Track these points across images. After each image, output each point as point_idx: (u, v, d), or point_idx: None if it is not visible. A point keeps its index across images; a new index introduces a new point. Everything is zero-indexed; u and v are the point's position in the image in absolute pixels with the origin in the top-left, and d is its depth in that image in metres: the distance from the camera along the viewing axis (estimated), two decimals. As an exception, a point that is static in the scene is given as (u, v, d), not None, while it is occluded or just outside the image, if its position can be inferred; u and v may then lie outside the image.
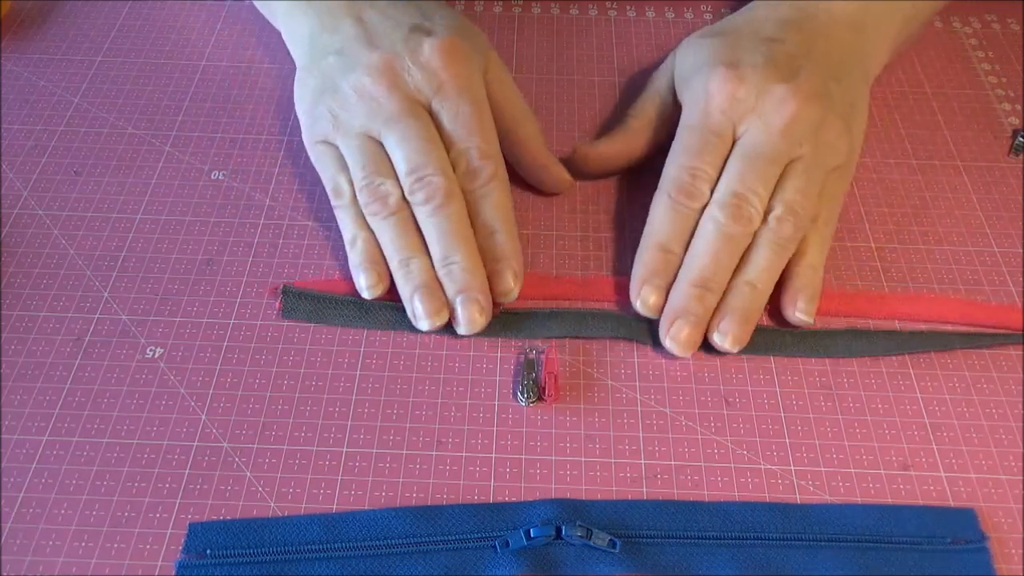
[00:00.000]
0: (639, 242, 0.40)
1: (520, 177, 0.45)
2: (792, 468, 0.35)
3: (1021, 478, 0.35)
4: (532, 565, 0.32)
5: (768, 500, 0.34)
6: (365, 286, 0.39)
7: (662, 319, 0.38)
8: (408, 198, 0.39)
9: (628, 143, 0.45)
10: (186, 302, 0.40)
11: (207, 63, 0.52)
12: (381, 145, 0.40)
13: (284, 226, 0.43)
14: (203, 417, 0.36)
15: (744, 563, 0.32)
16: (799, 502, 0.34)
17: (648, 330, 0.39)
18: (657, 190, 0.40)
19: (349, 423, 0.36)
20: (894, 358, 0.39)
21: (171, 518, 0.33)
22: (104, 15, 0.55)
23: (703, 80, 0.41)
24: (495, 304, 0.39)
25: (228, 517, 0.33)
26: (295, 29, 0.46)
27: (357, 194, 0.40)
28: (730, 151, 0.40)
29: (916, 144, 0.48)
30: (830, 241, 0.41)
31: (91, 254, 0.42)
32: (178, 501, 0.34)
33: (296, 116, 0.45)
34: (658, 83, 0.46)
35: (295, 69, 0.46)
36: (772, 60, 0.41)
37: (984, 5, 0.57)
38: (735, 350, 0.38)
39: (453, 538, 0.33)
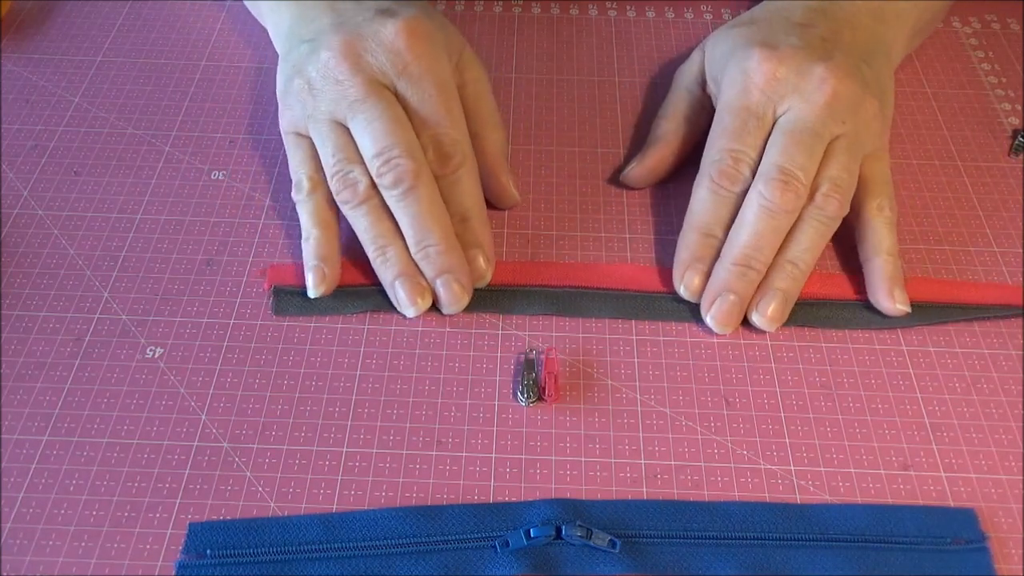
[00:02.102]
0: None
1: (520, 178, 0.45)
2: (792, 468, 0.35)
3: (1021, 478, 0.35)
4: (532, 565, 0.32)
5: (768, 500, 0.34)
6: (311, 285, 0.39)
7: (704, 296, 0.39)
8: (377, 182, 0.38)
9: (664, 150, 0.45)
10: (186, 302, 0.40)
11: (207, 63, 0.52)
12: (348, 131, 0.40)
13: (284, 226, 0.43)
14: (203, 417, 0.36)
15: (744, 563, 0.32)
16: (799, 502, 0.34)
17: (642, 308, 0.40)
18: (699, 174, 0.40)
19: (349, 423, 0.36)
20: (894, 359, 0.39)
21: (171, 518, 0.33)
22: (104, 15, 0.55)
23: (740, 61, 0.41)
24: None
25: (228, 517, 0.33)
26: (278, 24, 0.46)
27: (330, 182, 0.39)
28: (769, 132, 0.40)
29: (916, 144, 0.48)
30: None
31: (91, 254, 0.42)
32: (178, 501, 0.34)
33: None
34: (685, 79, 0.46)
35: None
36: (808, 42, 0.41)
37: (984, 5, 0.57)
38: (773, 329, 0.38)
39: (453, 538, 0.33)
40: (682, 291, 0.39)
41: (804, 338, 0.39)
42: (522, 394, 0.37)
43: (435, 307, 0.39)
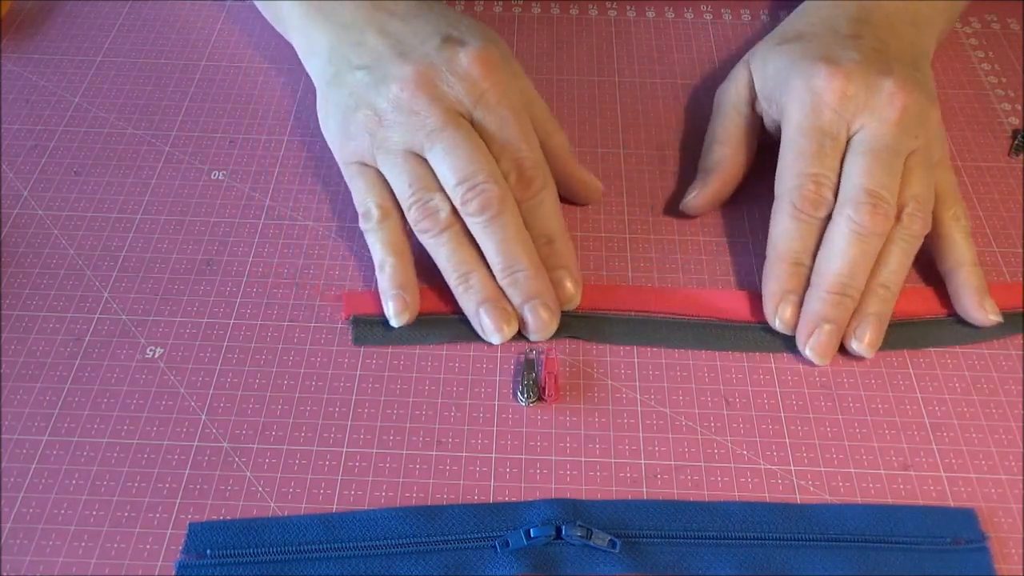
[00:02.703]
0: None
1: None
2: (792, 468, 0.35)
3: (1021, 478, 0.35)
4: (532, 565, 0.32)
5: (768, 500, 0.34)
6: (393, 314, 0.38)
7: (800, 327, 0.38)
8: (460, 209, 0.38)
9: (724, 176, 0.44)
10: (186, 302, 0.40)
11: (207, 63, 0.52)
12: (424, 161, 0.39)
13: (284, 226, 0.43)
14: (203, 417, 0.36)
15: (744, 563, 0.32)
16: (799, 502, 0.34)
17: (730, 339, 0.39)
18: (776, 200, 0.40)
19: (349, 423, 0.36)
20: (894, 359, 0.39)
21: (171, 518, 0.33)
22: (104, 15, 0.55)
23: (806, 80, 0.40)
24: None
25: (228, 517, 0.33)
26: (312, 44, 0.45)
27: (407, 213, 0.39)
28: (844, 152, 0.39)
29: (916, 144, 0.48)
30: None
31: (91, 254, 0.42)
32: (178, 501, 0.34)
33: (296, 116, 0.45)
34: (732, 99, 0.45)
35: (297, 70, 0.46)
36: (866, 55, 0.40)
37: (984, 5, 0.57)
38: (870, 355, 0.38)
39: (453, 538, 0.33)
40: (776, 324, 0.38)
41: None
42: (522, 394, 0.37)
43: (521, 334, 0.39)
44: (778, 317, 0.38)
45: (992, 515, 0.34)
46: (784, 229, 0.39)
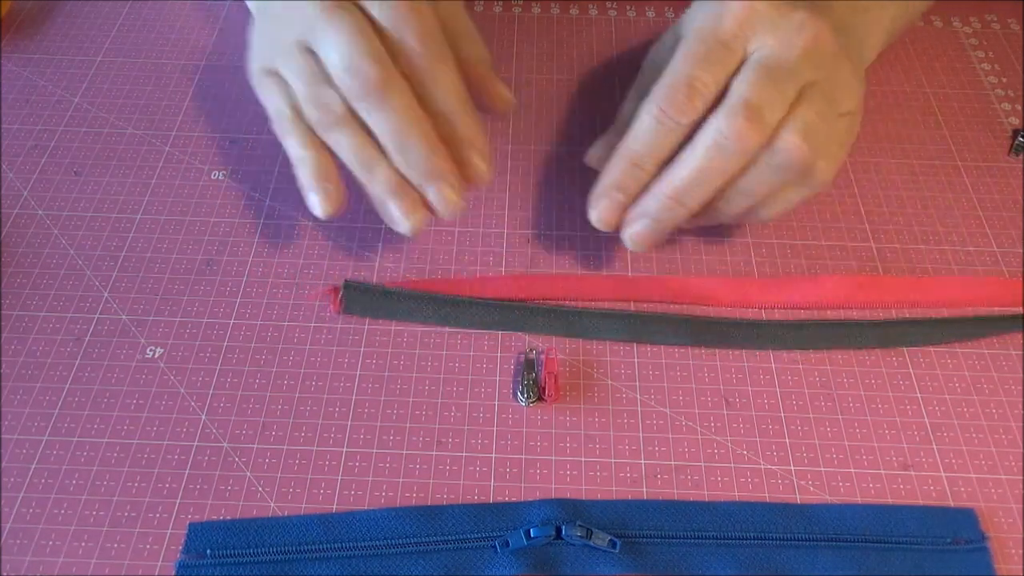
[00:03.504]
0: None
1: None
2: (792, 468, 0.35)
3: (1021, 478, 0.35)
4: (532, 565, 0.32)
5: (768, 500, 0.34)
6: (315, 205, 0.37)
7: (628, 214, 0.37)
8: (346, 98, 0.35)
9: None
10: (186, 302, 0.40)
11: (207, 63, 0.52)
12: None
13: (284, 226, 0.43)
14: (203, 417, 0.36)
15: (744, 563, 0.32)
16: (799, 502, 0.34)
17: (719, 336, 0.39)
18: (646, 99, 0.36)
19: (349, 423, 0.36)
20: (894, 359, 0.39)
21: (171, 518, 0.33)
22: (104, 15, 0.55)
23: None
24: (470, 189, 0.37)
25: (228, 517, 0.33)
26: None
27: (303, 110, 0.37)
28: (737, 69, 0.36)
29: (916, 144, 0.48)
30: (814, 192, 0.37)
31: (91, 254, 0.42)
32: (178, 501, 0.34)
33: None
34: (658, 56, 0.41)
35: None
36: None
37: (984, 5, 0.57)
38: (634, 248, 0.37)
39: (453, 538, 0.33)
40: (592, 217, 0.37)
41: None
42: (522, 394, 0.37)
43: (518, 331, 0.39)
44: (595, 210, 0.37)
45: (992, 515, 0.34)
46: (640, 127, 0.36)
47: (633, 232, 0.37)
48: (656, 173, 0.36)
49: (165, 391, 0.37)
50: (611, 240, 0.43)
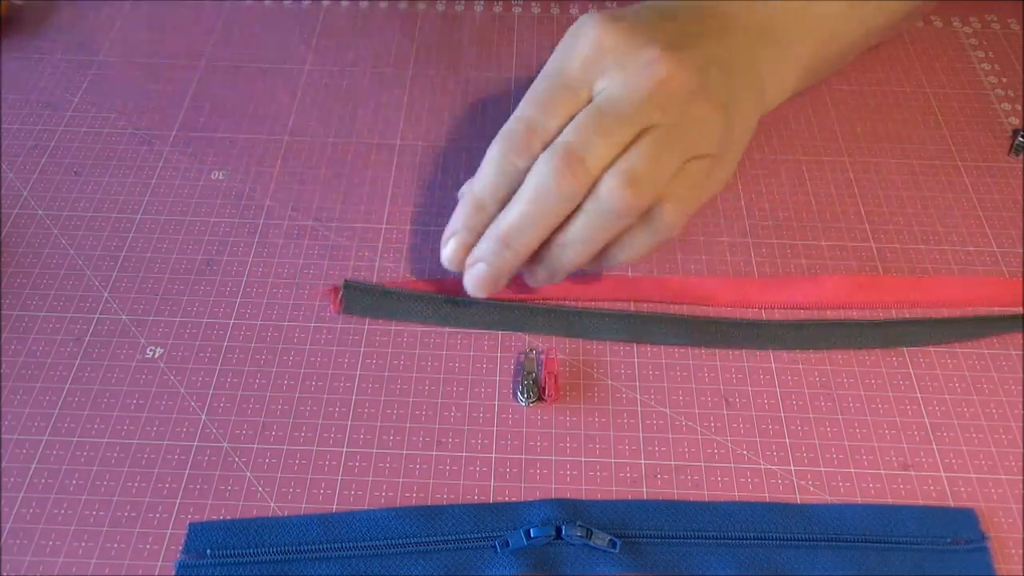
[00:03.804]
0: None
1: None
2: (792, 468, 0.35)
3: (1021, 478, 0.35)
4: (532, 565, 0.32)
5: (768, 500, 0.34)
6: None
7: (468, 260, 0.36)
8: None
9: None
10: (186, 302, 0.40)
11: (207, 63, 0.52)
12: None
13: (284, 226, 0.43)
14: (203, 417, 0.36)
15: (744, 563, 0.32)
16: (799, 502, 0.34)
17: (717, 336, 0.39)
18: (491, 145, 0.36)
19: (349, 423, 0.36)
20: (894, 359, 0.39)
21: (171, 518, 0.33)
22: (104, 15, 0.55)
23: (574, 28, 0.36)
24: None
25: (228, 517, 0.33)
26: None
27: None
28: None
29: (916, 144, 0.48)
30: (665, 239, 0.36)
31: (91, 254, 0.42)
32: (178, 501, 0.34)
33: (296, 115, 0.44)
34: None
35: (297, 70, 0.45)
36: (656, 26, 0.36)
37: (984, 5, 0.57)
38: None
39: (453, 538, 0.33)
40: (442, 256, 0.37)
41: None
42: (522, 394, 0.37)
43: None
44: (444, 249, 0.37)
45: (992, 515, 0.34)
46: (484, 168, 0.36)
47: (470, 276, 0.36)
48: (497, 214, 0.36)
49: (165, 391, 0.37)
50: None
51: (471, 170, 0.37)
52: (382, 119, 0.49)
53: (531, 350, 0.38)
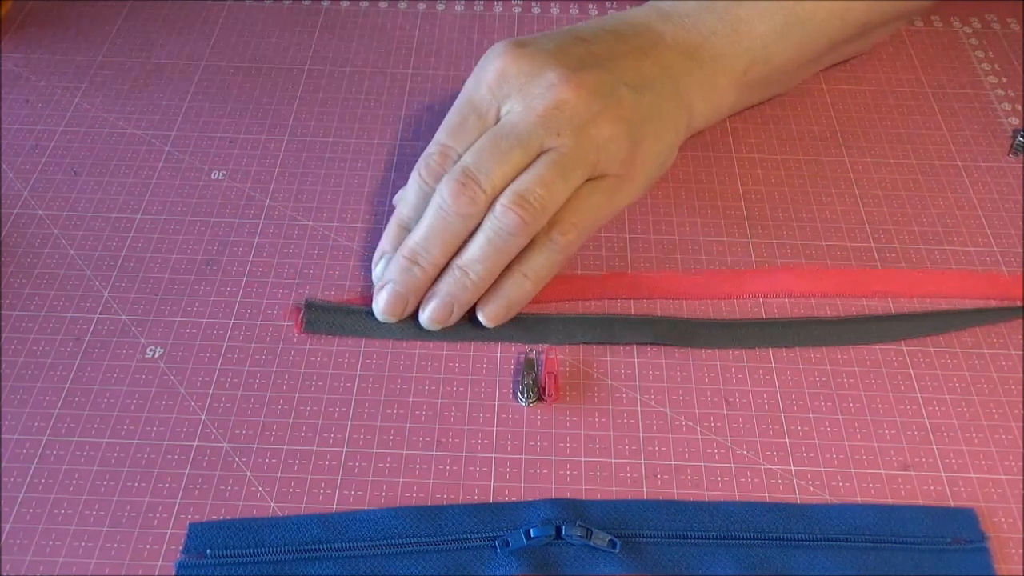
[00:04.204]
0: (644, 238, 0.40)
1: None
2: (792, 468, 0.35)
3: (1021, 478, 0.35)
4: (532, 565, 0.32)
5: (768, 500, 0.34)
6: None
7: (377, 282, 0.38)
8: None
9: None
10: (186, 302, 0.40)
11: (208, 63, 0.52)
12: None
13: (284, 226, 0.43)
14: (203, 417, 0.36)
15: (744, 563, 0.32)
16: (799, 502, 0.34)
17: (683, 332, 0.39)
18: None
19: (349, 423, 0.36)
20: (894, 359, 0.39)
21: (171, 518, 0.33)
22: (104, 15, 0.55)
23: (484, 57, 0.38)
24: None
25: (228, 517, 0.33)
26: None
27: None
28: None
29: (916, 144, 0.48)
30: (563, 256, 0.37)
31: (91, 254, 0.42)
32: (178, 501, 0.34)
33: (296, 116, 0.44)
34: None
35: (297, 70, 0.45)
36: (565, 50, 0.38)
37: (984, 5, 0.57)
38: (436, 328, 0.38)
39: (453, 538, 0.33)
40: (373, 277, 0.39)
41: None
42: (522, 394, 0.37)
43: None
44: (374, 269, 0.39)
45: (992, 515, 0.34)
46: (407, 191, 0.38)
47: (378, 299, 0.38)
48: None
49: (165, 391, 0.37)
50: (611, 240, 0.43)
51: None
52: (382, 119, 0.49)
53: (531, 350, 0.38)
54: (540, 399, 0.37)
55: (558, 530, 0.32)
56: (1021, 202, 0.45)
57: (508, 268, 0.37)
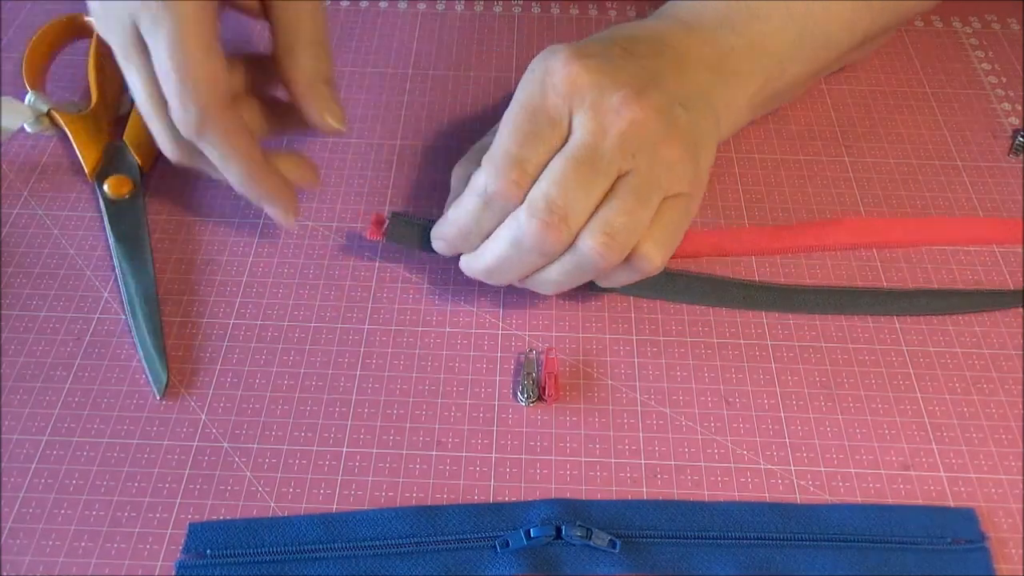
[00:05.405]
0: None
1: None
2: (792, 468, 0.35)
3: (1021, 478, 0.35)
4: (532, 565, 0.32)
5: (768, 500, 0.34)
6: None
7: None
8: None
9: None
10: (186, 302, 0.40)
11: (207, 63, 0.52)
12: None
13: (284, 226, 0.43)
14: (203, 417, 0.36)
15: (744, 563, 0.32)
16: (799, 502, 0.34)
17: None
18: (476, 172, 0.35)
19: (349, 423, 0.36)
20: (894, 359, 0.39)
21: (171, 518, 0.33)
22: (104, 15, 0.55)
23: (544, 60, 0.36)
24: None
25: (228, 517, 0.33)
26: None
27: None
28: (563, 143, 0.35)
29: (916, 144, 0.48)
30: (647, 275, 0.36)
31: (91, 254, 0.42)
32: (178, 501, 0.34)
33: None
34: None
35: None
36: (622, 66, 0.36)
37: (984, 5, 0.57)
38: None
39: (453, 538, 0.33)
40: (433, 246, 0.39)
41: (804, 338, 0.39)
42: (522, 394, 0.37)
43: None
44: (434, 243, 0.38)
45: (992, 515, 0.34)
46: (468, 203, 0.35)
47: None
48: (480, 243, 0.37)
49: (165, 391, 0.37)
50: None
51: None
52: (382, 119, 0.49)
53: (531, 350, 0.38)
54: (540, 399, 0.37)
55: (558, 530, 0.32)
56: (1021, 202, 0.45)
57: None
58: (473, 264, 0.37)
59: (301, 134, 0.47)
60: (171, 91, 0.35)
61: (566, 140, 0.35)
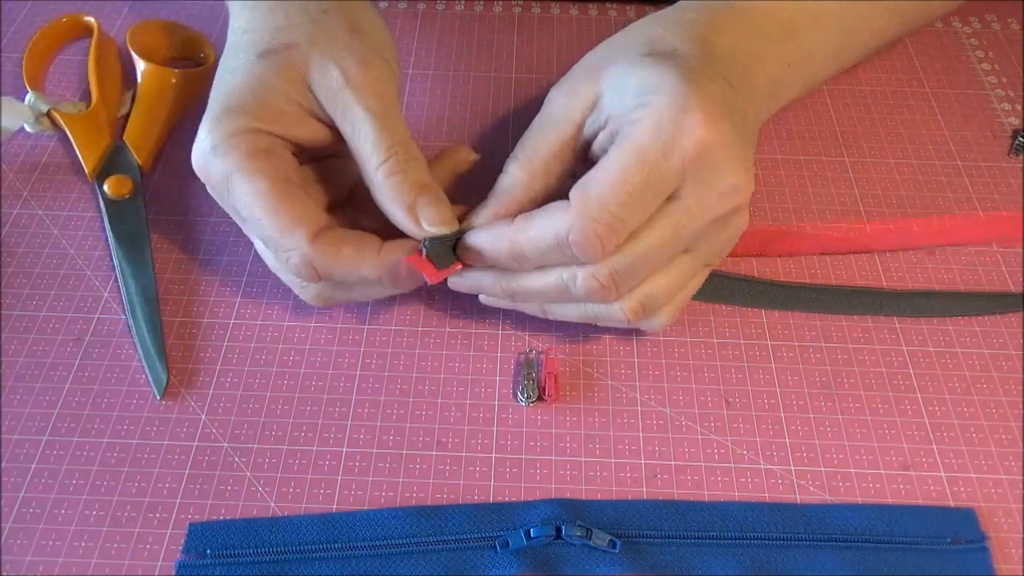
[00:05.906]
0: None
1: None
2: (792, 468, 0.35)
3: (1021, 478, 0.35)
4: (532, 565, 0.32)
5: (768, 500, 0.34)
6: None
7: (467, 276, 0.36)
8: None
9: (509, 207, 0.35)
10: (186, 302, 0.40)
11: (207, 64, 0.52)
12: None
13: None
14: (203, 417, 0.36)
15: (744, 563, 0.32)
16: (799, 502, 0.34)
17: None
18: (562, 209, 0.32)
19: (349, 423, 0.36)
20: (894, 359, 0.39)
21: (171, 518, 0.33)
22: (104, 15, 0.55)
23: (678, 111, 0.32)
24: None
25: (228, 517, 0.33)
26: None
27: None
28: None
29: (916, 144, 0.48)
30: (650, 331, 0.38)
31: (91, 254, 0.42)
32: (178, 501, 0.34)
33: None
34: (562, 116, 0.36)
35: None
36: (740, 133, 0.34)
37: (984, 5, 0.57)
38: None
39: (453, 538, 0.33)
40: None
41: (804, 338, 0.39)
42: (522, 394, 0.37)
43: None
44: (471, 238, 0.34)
45: (992, 515, 0.34)
46: (536, 242, 0.33)
47: (455, 279, 0.36)
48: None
49: (165, 391, 0.37)
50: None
51: (471, 171, 0.38)
52: (382, 119, 0.49)
53: (531, 350, 0.38)
54: (540, 399, 0.37)
55: (558, 530, 0.32)
56: (1021, 202, 0.45)
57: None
58: (506, 285, 0.35)
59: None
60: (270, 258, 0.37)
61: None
